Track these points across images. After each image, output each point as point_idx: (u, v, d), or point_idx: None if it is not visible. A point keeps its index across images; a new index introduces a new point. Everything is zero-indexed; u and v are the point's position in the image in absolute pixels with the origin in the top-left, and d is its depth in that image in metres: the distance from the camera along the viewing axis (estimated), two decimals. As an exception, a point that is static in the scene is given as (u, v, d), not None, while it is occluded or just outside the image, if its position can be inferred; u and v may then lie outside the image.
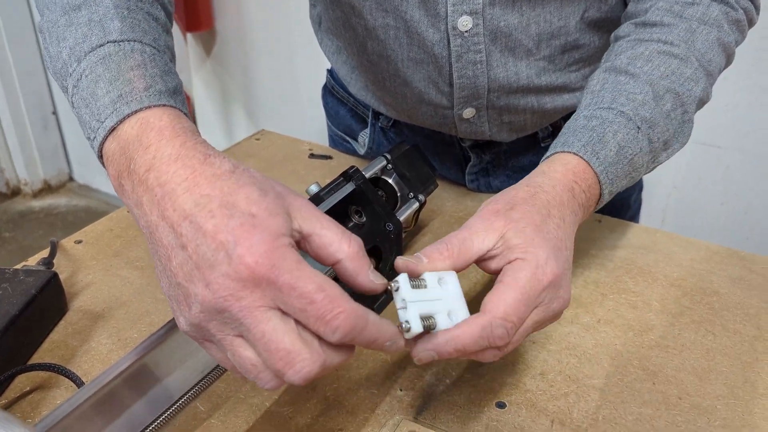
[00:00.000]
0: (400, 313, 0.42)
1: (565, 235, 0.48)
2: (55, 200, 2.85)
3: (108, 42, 0.45)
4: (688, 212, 1.51)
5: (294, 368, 0.36)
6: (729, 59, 0.62)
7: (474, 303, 0.44)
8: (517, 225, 0.46)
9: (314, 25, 0.85)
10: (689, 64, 0.57)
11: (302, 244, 0.40)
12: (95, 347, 0.58)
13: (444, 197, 0.81)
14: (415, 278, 0.43)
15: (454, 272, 0.45)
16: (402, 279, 0.42)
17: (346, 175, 0.55)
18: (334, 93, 0.93)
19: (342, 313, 0.36)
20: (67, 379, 0.52)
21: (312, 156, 0.92)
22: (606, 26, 0.70)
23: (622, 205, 0.87)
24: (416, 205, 0.63)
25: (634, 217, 0.91)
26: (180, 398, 0.46)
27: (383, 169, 0.64)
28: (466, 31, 0.66)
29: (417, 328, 0.41)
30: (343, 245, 0.40)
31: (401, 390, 0.53)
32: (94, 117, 0.43)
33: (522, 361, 0.56)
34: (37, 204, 2.82)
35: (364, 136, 0.89)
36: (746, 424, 0.51)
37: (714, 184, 1.45)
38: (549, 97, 0.74)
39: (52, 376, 0.54)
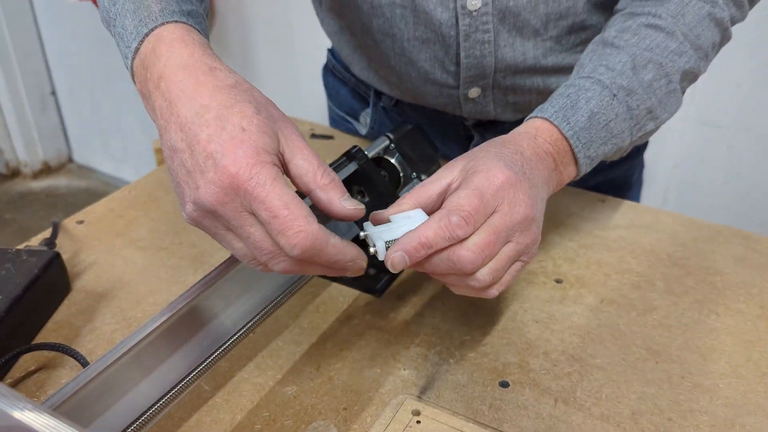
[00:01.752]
0: (370, 245, 0.46)
1: (523, 160, 0.50)
2: (55, 181, 2.85)
3: None
4: (690, 192, 1.50)
5: (280, 250, 0.42)
6: (724, 34, 0.62)
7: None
8: (476, 154, 0.49)
9: (315, 5, 0.84)
10: (674, 38, 0.58)
11: (284, 169, 0.44)
12: (99, 327, 0.58)
13: (446, 177, 0.81)
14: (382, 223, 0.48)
15: (421, 209, 0.48)
16: (366, 224, 0.48)
17: (349, 155, 0.55)
18: (335, 73, 0.92)
19: (302, 232, 0.40)
20: (71, 359, 0.52)
21: (313, 136, 0.92)
22: (613, 7, 0.69)
23: (624, 184, 0.87)
24: (419, 185, 0.63)
25: (635, 197, 0.91)
26: (185, 377, 0.47)
27: (386, 149, 0.64)
28: (475, 11, 0.66)
29: (381, 248, 0.45)
30: (316, 177, 0.43)
31: (405, 369, 0.54)
32: (125, 45, 0.48)
33: (525, 341, 0.56)
34: (36, 185, 2.81)
35: (366, 116, 0.88)
36: (748, 403, 0.51)
37: (716, 164, 1.45)
38: (555, 78, 0.73)
39: (57, 356, 0.55)
